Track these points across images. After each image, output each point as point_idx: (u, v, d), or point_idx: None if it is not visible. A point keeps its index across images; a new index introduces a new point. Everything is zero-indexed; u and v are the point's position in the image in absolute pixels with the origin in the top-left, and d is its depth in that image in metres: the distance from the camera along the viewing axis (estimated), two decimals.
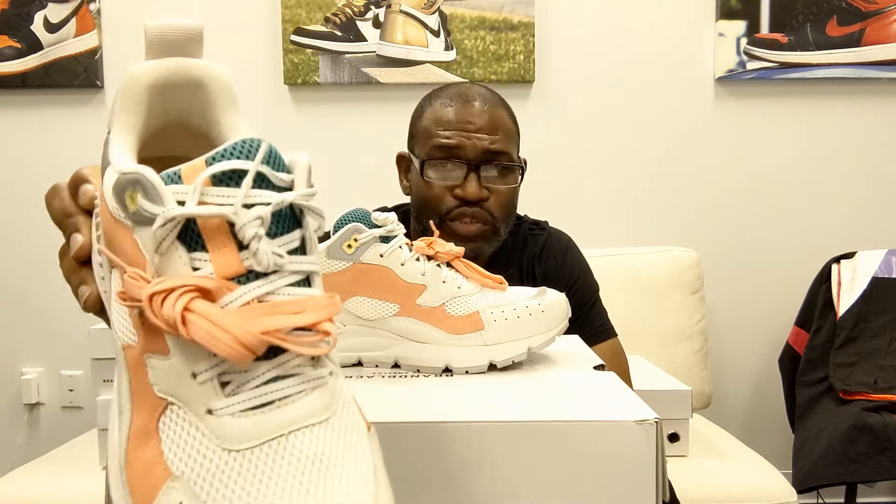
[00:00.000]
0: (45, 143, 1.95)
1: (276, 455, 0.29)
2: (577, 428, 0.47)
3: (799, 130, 1.98)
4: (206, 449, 0.29)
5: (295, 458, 0.29)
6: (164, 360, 0.31)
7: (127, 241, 0.32)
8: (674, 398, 1.36)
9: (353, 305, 0.60)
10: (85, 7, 1.91)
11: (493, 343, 0.60)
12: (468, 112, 1.05)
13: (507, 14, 1.91)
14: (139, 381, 0.32)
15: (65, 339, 1.96)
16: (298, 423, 0.30)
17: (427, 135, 1.06)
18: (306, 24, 1.91)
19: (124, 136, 0.38)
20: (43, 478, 1.35)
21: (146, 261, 0.31)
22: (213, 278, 0.30)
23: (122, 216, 0.32)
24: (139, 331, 0.32)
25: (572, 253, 1.21)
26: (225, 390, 0.30)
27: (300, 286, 0.32)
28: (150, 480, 0.30)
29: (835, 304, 1.76)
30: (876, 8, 1.91)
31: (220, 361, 0.30)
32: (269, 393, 0.30)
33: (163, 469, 0.30)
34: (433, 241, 0.62)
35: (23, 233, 1.96)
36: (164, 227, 0.30)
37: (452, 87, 1.10)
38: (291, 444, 0.29)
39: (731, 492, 1.33)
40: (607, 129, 1.97)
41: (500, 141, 1.05)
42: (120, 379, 0.34)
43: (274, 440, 0.29)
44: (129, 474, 0.31)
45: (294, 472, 0.29)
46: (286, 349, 0.30)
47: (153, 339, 0.31)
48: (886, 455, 1.46)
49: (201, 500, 0.28)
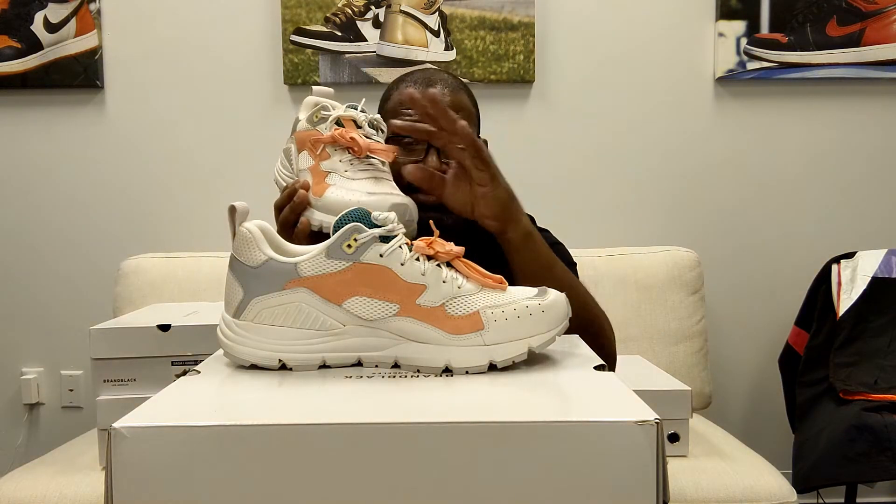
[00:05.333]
0: (45, 143, 1.95)
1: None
2: (578, 428, 0.47)
3: (799, 130, 1.98)
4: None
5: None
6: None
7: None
8: (674, 398, 1.36)
9: (353, 305, 0.60)
10: (85, 7, 1.91)
11: (493, 343, 0.60)
12: (430, 94, 1.10)
13: (507, 14, 1.91)
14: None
15: (65, 339, 1.96)
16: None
17: (393, 115, 1.11)
18: (306, 24, 1.91)
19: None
20: (43, 478, 1.35)
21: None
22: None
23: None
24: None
25: (545, 235, 1.21)
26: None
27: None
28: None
29: (835, 304, 1.76)
30: (876, 8, 1.91)
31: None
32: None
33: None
34: (433, 241, 0.62)
35: (23, 233, 1.96)
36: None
37: (417, 73, 1.16)
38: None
39: (731, 492, 1.33)
40: (607, 128, 1.97)
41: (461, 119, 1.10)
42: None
43: None
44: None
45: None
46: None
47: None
48: (886, 455, 1.46)
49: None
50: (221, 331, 0.63)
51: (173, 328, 1.08)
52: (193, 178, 1.95)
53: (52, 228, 1.96)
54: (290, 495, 0.47)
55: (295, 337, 0.61)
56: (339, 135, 0.84)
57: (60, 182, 1.96)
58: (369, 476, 0.47)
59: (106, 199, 1.96)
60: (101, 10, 1.92)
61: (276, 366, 0.61)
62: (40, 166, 1.95)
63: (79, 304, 1.95)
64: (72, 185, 1.96)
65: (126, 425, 0.47)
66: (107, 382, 1.10)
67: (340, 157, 0.85)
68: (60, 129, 1.95)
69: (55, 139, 1.95)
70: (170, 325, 1.08)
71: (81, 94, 1.94)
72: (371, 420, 0.48)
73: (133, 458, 0.47)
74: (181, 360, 1.08)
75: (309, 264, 0.60)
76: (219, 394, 0.56)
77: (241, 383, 0.58)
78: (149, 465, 0.47)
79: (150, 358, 1.09)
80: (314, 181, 0.85)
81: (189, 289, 1.75)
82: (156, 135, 1.95)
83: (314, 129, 0.86)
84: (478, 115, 1.17)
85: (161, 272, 1.79)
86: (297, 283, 0.60)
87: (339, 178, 0.84)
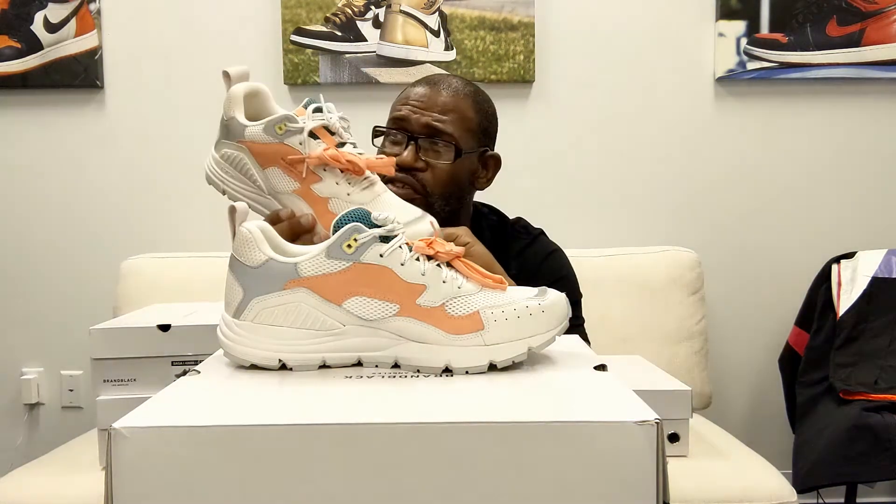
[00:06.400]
0: (45, 143, 1.95)
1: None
2: (578, 428, 0.47)
3: (799, 130, 1.98)
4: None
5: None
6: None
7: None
8: (674, 398, 1.35)
9: (353, 305, 0.60)
10: (85, 7, 1.91)
11: (493, 343, 0.60)
12: (426, 92, 1.14)
13: (507, 14, 1.91)
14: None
15: (65, 339, 1.96)
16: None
17: (392, 110, 1.17)
18: (306, 24, 1.91)
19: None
20: (43, 478, 1.35)
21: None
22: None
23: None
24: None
25: (556, 257, 1.24)
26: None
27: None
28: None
29: (835, 304, 1.76)
30: (876, 8, 1.91)
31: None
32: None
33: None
34: (433, 241, 0.62)
35: (23, 233, 1.96)
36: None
37: (433, 75, 1.20)
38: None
39: (731, 492, 1.33)
40: (607, 128, 1.97)
41: (447, 122, 1.12)
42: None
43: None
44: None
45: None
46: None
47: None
48: (886, 455, 1.46)
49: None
50: (221, 331, 0.63)
51: (173, 328, 1.08)
52: (193, 178, 1.95)
53: (52, 228, 1.96)
54: (290, 495, 0.47)
55: (295, 337, 0.61)
56: (332, 158, 0.73)
57: (60, 182, 1.96)
58: (369, 476, 0.47)
59: (106, 200, 1.96)
60: (101, 10, 1.92)
61: (276, 366, 0.61)
62: (40, 166, 1.95)
63: (79, 304, 1.95)
64: (72, 185, 1.96)
65: (126, 425, 0.47)
66: (107, 382, 1.10)
67: (336, 180, 0.75)
68: (60, 129, 1.95)
69: (55, 139, 1.95)
70: (170, 325, 1.08)
71: (81, 94, 1.94)
72: (371, 420, 0.48)
73: (133, 458, 0.47)
74: (181, 360, 1.08)
75: (309, 264, 0.60)
76: (219, 394, 0.56)
77: (241, 383, 0.58)
78: (149, 465, 0.47)
79: (150, 358, 1.08)
80: (316, 211, 0.75)
81: (189, 289, 1.75)
82: (156, 135, 1.95)
83: (281, 142, 0.74)
84: (490, 122, 1.19)
85: (161, 272, 1.79)
86: (297, 283, 0.60)
87: (342, 203, 0.75)
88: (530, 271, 1.17)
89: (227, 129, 0.78)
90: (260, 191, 0.78)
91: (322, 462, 0.47)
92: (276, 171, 0.76)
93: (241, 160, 0.77)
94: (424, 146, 1.12)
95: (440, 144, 1.12)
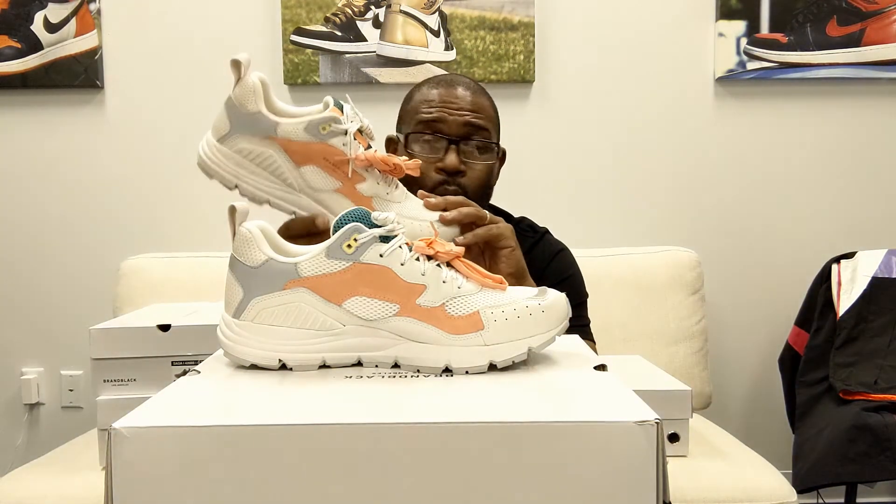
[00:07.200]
0: (45, 143, 1.95)
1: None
2: (578, 428, 0.47)
3: (799, 130, 1.98)
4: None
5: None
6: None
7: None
8: (674, 398, 1.35)
9: (353, 305, 0.60)
10: (85, 7, 1.91)
11: (493, 343, 0.60)
12: (451, 93, 1.13)
13: (507, 14, 1.91)
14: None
15: (65, 339, 1.96)
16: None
17: (414, 113, 1.13)
18: (306, 24, 1.91)
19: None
20: (43, 478, 1.35)
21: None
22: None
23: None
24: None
25: (563, 257, 1.24)
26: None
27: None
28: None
29: (835, 304, 1.76)
30: (876, 8, 1.91)
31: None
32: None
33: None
34: (433, 241, 0.62)
35: (23, 233, 1.96)
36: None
37: (440, 76, 1.18)
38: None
39: (731, 492, 1.33)
40: (607, 128, 1.97)
41: (481, 119, 1.11)
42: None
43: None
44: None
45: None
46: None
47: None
48: (886, 455, 1.46)
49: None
50: (221, 331, 0.63)
51: (173, 328, 1.08)
52: (193, 178, 1.95)
53: (52, 228, 1.96)
54: (290, 495, 0.47)
55: (295, 337, 0.61)
56: (381, 161, 0.75)
57: (60, 182, 1.96)
58: (369, 476, 0.47)
59: (106, 199, 1.96)
60: (101, 10, 1.92)
61: (276, 366, 0.61)
62: (40, 166, 1.95)
63: (79, 304, 1.95)
64: (72, 185, 1.96)
65: (126, 425, 0.47)
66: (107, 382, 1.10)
67: (378, 180, 0.77)
68: (60, 129, 1.95)
69: (55, 139, 1.95)
70: (170, 325, 1.08)
71: (81, 94, 1.94)
72: (371, 420, 0.48)
73: (133, 458, 0.47)
74: (181, 360, 1.08)
75: (309, 264, 0.60)
76: (219, 394, 0.56)
77: (241, 383, 0.58)
78: (149, 465, 0.47)
79: (150, 358, 1.08)
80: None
81: (189, 289, 1.75)
82: (156, 135, 1.95)
83: (324, 142, 0.74)
84: (497, 118, 1.19)
85: (161, 272, 1.79)
86: (297, 283, 0.60)
87: (383, 202, 0.77)
88: (537, 270, 1.16)
89: (249, 123, 0.74)
90: (288, 188, 0.76)
91: (322, 462, 0.47)
92: (314, 169, 0.75)
93: (268, 157, 0.75)
94: (466, 149, 1.10)
95: (481, 144, 1.11)
